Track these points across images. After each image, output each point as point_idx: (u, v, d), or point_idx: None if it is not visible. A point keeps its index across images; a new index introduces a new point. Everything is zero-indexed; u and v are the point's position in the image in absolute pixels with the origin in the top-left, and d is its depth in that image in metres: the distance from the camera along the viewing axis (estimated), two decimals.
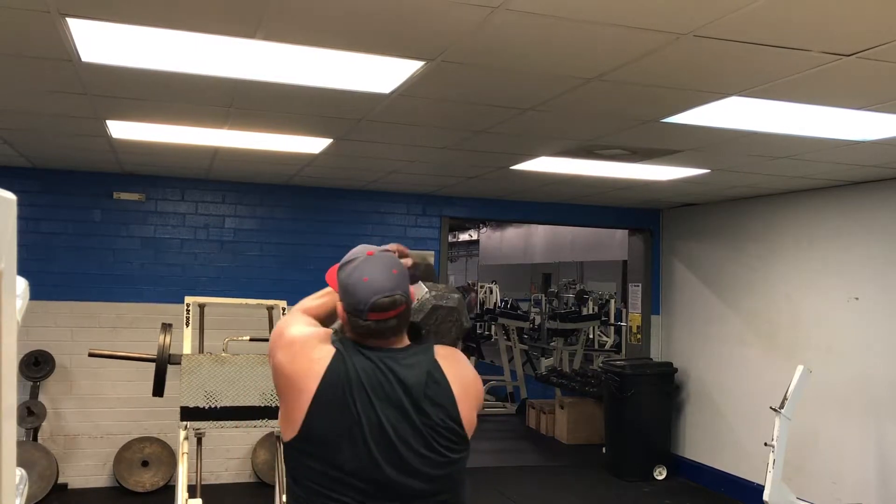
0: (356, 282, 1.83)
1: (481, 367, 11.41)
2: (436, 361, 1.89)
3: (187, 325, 4.33)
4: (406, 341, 1.92)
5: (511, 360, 10.83)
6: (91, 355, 4.49)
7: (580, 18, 2.41)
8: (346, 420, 1.79)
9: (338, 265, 1.92)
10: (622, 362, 7.34)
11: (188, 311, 4.39)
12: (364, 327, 1.83)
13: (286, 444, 1.86)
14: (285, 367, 1.85)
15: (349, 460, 1.78)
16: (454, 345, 2.05)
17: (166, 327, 4.22)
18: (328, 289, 2.00)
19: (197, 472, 4.29)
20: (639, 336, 7.72)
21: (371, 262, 1.85)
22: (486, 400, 10.34)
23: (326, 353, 1.84)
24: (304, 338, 1.88)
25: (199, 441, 4.42)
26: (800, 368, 4.81)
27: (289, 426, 1.84)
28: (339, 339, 1.88)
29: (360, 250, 1.91)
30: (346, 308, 1.86)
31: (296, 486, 1.88)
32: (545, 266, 14.86)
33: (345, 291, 1.86)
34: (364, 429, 1.78)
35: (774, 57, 2.71)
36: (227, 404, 4.03)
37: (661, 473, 6.94)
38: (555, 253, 14.18)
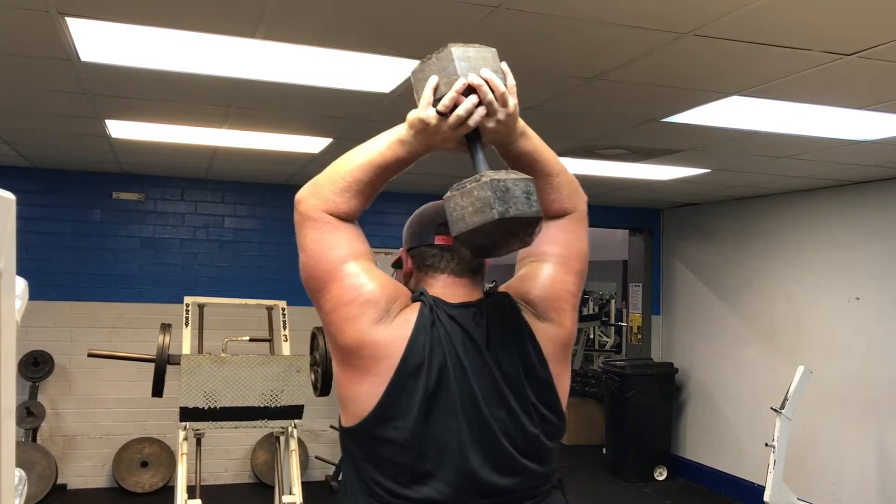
0: (425, 208, 1.65)
1: None
2: (524, 321, 1.52)
3: (187, 326, 4.34)
4: (480, 291, 1.59)
5: None
6: (90, 355, 4.49)
7: (580, 18, 2.40)
8: (439, 401, 1.40)
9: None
10: (622, 362, 7.33)
11: (188, 311, 4.39)
12: (431, 261, 1.56)
13: (350, 430, 1.45)
14: (356, 330, 1.41)
15: (438, 452, 1.40)
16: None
17: (166, 327, 4.22)
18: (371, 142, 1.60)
19: (196, 472, 4.29)
20: (639, 336, 7.72)
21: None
22: None
23: (410, 313, 1.45)
24: (385, 293, 1.45)
25: (199, 441, 4.41)
26: (800, 369, 4.80)
27: (356, 405, 1.43)
28: (420, 291, 1.54)
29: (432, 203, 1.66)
30: (411, 241, 1.60)
31: (357, 481, 1.46)
32: None
33: (412, 228, 1.62)
34: (459, 412, 1.40)
35: (774, 57, 2.71)
36: (227, 405, 4.02)
37: (661, 474, 6.93)
38: None
